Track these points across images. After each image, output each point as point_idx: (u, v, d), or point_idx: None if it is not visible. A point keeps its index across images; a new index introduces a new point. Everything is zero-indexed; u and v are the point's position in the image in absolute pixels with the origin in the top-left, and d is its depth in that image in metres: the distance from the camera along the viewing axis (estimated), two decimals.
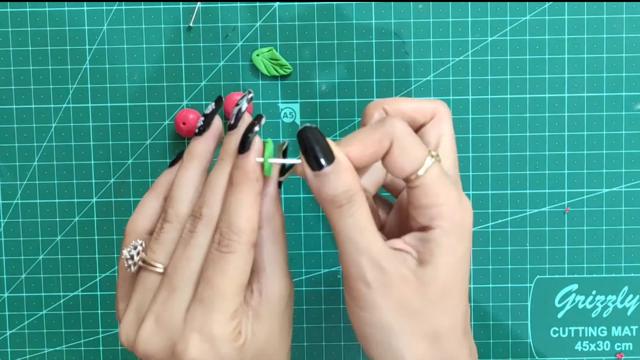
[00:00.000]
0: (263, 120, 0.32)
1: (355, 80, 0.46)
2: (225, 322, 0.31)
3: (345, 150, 0.31)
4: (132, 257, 0.33)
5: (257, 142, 0.31)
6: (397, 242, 0.32)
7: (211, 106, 0.35)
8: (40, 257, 0.47)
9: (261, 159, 0.31)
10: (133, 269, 0.33)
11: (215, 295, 0.31)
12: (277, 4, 0.45)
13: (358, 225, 0.31)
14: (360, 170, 0.33)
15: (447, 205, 0.31)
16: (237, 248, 0.31)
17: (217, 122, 0.34)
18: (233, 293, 0.31)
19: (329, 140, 0.31)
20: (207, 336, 0.30)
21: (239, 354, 0.31)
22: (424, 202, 0.31)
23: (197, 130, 0.34)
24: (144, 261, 0.33)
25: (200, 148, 0.34)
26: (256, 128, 0.32)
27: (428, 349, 0.31)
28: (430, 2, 0.45)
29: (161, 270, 0.33)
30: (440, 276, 0.31)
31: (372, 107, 0.35)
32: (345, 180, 0.30)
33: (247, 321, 0.32)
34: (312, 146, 0.30)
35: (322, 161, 0.30)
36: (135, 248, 0.34)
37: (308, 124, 0.31)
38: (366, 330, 0.32)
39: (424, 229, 0.31)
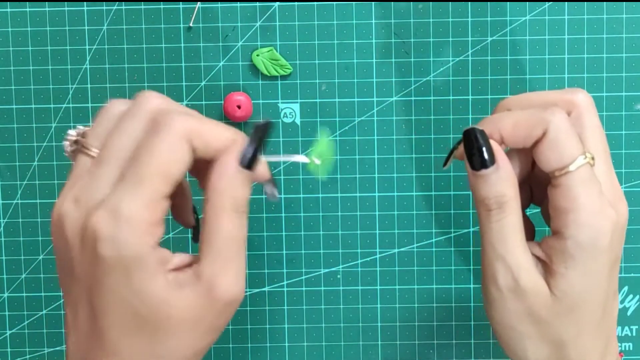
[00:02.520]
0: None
1: (355, 80, 0.46)
2: (138, 205, 0.28)
3: (498, 127, 0.32)
4: (70, 142, 0.31)
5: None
6: (535, 248, 0.32)
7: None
8: (40, 257, 0.47)
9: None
10: (69, 149, 0.31)
11: (135, 174, 0.28)
12: (277, 4, 0.45)
13: (502, 233, 0.31)
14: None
15: (585, 214, 0.30)
16: (167, 130, 0.28)
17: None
18: (154, 176, 0.28)
19: (495, 144, 0.31)
20: (115, 213, 0.28)
21: (151, 256, 0.28)
22: (561, 205, 0.31)
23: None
24: (82, 145, 0.31)
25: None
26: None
27: (552, 353, 0.32)
28: (430, 2, 0.45)
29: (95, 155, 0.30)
30: (570, 292, 0.31)
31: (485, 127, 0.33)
32: (500, 187, 0.31)
33: (185, 275, 0.30)
34: (478, 146, 0.31)
35: (483, 163, 0.31)
36: (77, 134, 0.31)
37: (477, 126, 0.32)
38: (494, 325, 0.33)
39: (558, 234, 0.31)
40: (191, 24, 0.46)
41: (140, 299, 0.29)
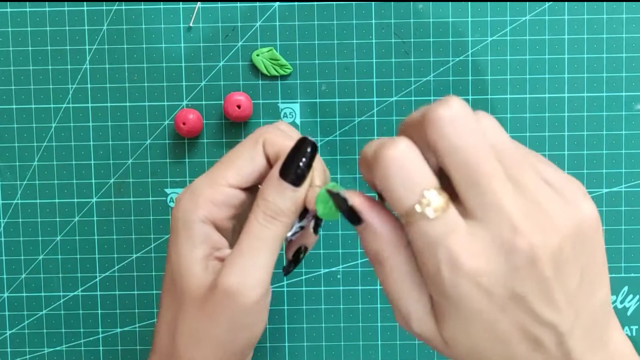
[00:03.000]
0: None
1: (355, 80, 0.46)
2: (202, 181, 0.34)
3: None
4: None
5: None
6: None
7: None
8: (40, 257, 0.47)
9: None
10: None
11: (215, 165, 0.35)
12: (277, 4, 0.45)
13: (388, 284, 0.29)
14: None
15: (427, 271, 0.27)
16: (249, 136, 0.35)
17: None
18: (223, 163, 0.34)
19: (361, 201, 0.28)
20: (188, 186, 0.35)
21: (197, 226, 0.33)
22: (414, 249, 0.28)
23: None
24: None
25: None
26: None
27: None
28: (430, 2, 0.45)
29: None
30: (452, 339, 0.28)
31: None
32: (373, 245, 0.28)
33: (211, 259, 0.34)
34: (343, 207, 0.29)
35: (351, 221, 0.29)
36: None
37: (342, 192, 0.29)
38: None
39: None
40: (191, 24, 0.46)
41: (177, 261, 0.33)
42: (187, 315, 0.33)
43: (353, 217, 0.29)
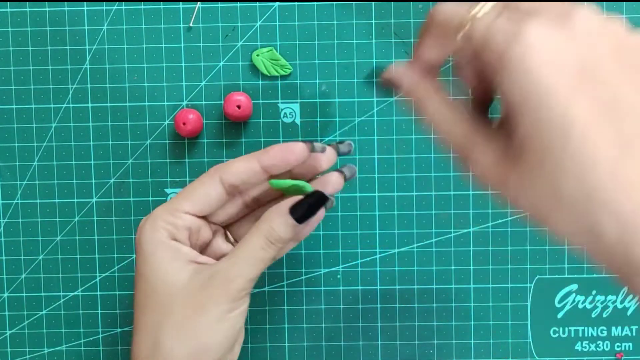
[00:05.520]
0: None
1: (355, 80, 0.46)
2: (162, 210, 0.37)
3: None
4: None
5: None
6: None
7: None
8: (40, 257, 0.47)
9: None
10: None
11: (175, 196, 0.38)
12: (277, 4, 0.45)
13: (432, 123, 0.33)
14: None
15: (490, 60, 0.27)
16: (204, 174, 0.38)
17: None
18: (181, 196, 0.37)
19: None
20: (151, 214, 0.37)
21: (166, 246, 0.36)
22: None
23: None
24: None
25: None
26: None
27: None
28: (430, 2, 0.45)
29: None
30: (526, 164, 0.27)
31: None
32: (412, 96, 0.33)
33: (206, 267, 0.36)
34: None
35: (388, 91, 0.36)
36: None
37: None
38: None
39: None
40: (191, 24, 0.46)
41: (157, 276, 0.36)
42: (186, 318, 0.35)
43: (391, 86, 0.33)
